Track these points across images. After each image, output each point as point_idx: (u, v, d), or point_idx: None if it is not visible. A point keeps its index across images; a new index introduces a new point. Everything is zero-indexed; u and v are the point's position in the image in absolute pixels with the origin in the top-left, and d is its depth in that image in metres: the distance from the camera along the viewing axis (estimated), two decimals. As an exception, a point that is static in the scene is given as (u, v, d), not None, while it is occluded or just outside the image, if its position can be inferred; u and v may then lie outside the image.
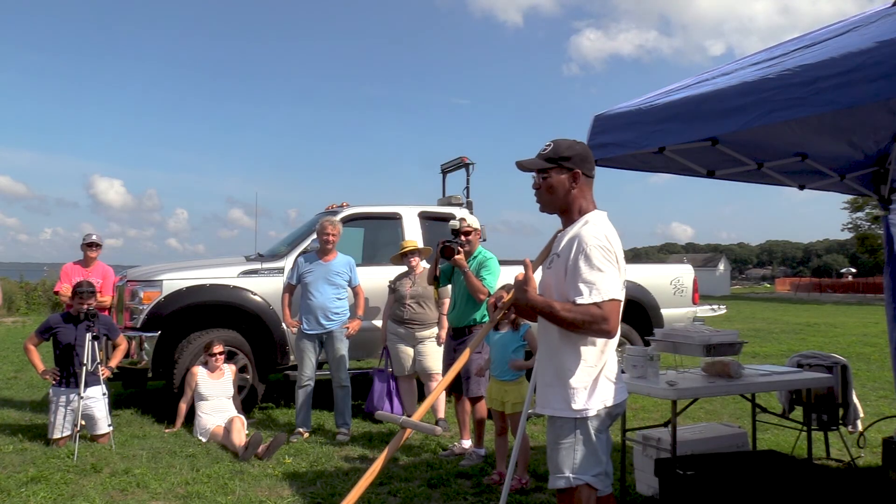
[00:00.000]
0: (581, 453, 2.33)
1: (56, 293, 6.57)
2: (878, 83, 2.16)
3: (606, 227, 2.37)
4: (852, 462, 4.57)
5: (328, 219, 5.80)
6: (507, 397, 4.35)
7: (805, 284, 57.09)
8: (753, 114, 2.58)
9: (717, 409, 6.61)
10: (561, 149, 2.41)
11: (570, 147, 2.41)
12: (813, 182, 4.36)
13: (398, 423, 2.49)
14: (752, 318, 20.55)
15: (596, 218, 2.39)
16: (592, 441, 2.34)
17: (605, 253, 2.27)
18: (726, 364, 3.85)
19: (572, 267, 2.29)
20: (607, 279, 2.25)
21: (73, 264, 6.51)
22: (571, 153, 2.40)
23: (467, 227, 5.26)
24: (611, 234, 2.35)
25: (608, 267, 2.26)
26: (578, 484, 2.32)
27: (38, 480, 4.36)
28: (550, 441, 2.39)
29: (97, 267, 6.49)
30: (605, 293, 2.23)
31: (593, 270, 2.24)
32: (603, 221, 2.39)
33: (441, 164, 8.49)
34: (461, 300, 5.10)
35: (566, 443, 2.34)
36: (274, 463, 4.83)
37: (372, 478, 2.32)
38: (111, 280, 6.51)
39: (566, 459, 2.33)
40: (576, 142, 2.46)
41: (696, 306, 7.85)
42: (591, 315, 2.22)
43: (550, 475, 2.40)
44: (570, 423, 2.34)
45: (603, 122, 3.40)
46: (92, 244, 6.47)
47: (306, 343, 5.67)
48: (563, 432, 2.35)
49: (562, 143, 2.43)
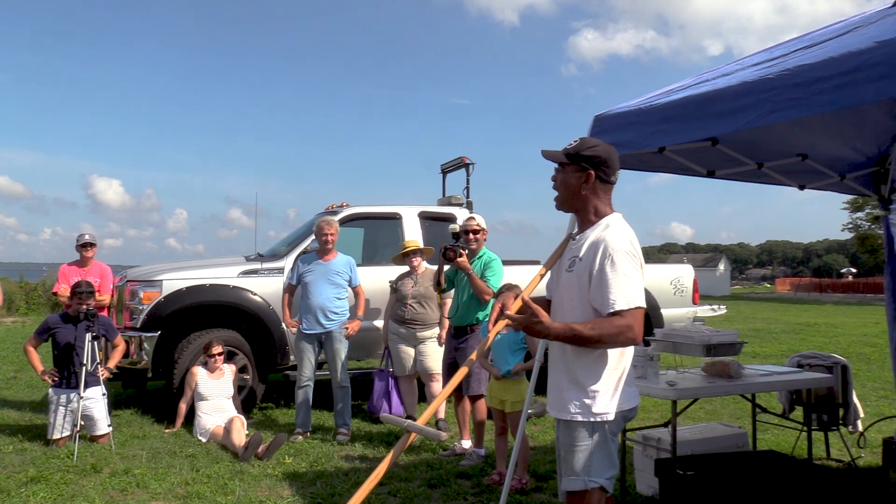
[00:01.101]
0: (597, 457, 2.32)
1: (55, 294, 6.54)
2: (878, 83, 2.16)
3: (628, 230, 2.35)
4: (852, 462, 4.56)
5: (325, 219, 5.79)
6: (506, 396, 4.35)
7: (805, 284, 57.07)
8: (753, 114, 2.58)
9: (717, 409, 6.61)
10: (583, 147, 2.39)
11: (592, 147, 2.39)
12: (813, 182, 4.36)
13: (402, 427, 2.48)
14: (752, 318, 20.55)
15: (616, 221, 2.37)
16: (608, 444, 2.34)
17: (630, 259, 2.26)
18: (726, 364, 3.85)
19: (598, 273, 2.27)
20: (633, 286, 2.24)
21: (69, 265, 6.49)
22: (590, 154, 2.37)
23: (475, 225, 5.25)
24: (633, 238, 2.34)
25: (633, 273, 2.25)
26: (592, 487, 2.32)
27: (37, 480, 4.36)
28: (565, 444, 2.38)
29: (94, 266, 6.47)
30: (631, 301, 2.22)
31: (619, 277, 2.23)
32: (623, 225, 2.37)
33: (441, 164, 8.49)
34: (464, 301, 5.10)
35: (582, 446, 2.33)
36: (274, 463, 4.83)
37: (376, 481, 2.31)
38: (109, 279, 6.50)
39: (582, 462, 2.33)
40: (601, 144, 2.43)
41: (697, 306, 7.85)
42: (616, 327, 2.21)
43: (563, 477, 2.39)
44: (587, 427, 2.33)
45: (603, 122, 3.40)
46: (86, 244, 6.43)
47: (306, 343, 5.66)
48: (579, 435, 2.34)
49: (586, 143, 2.41)
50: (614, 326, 2.21)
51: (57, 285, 6.43)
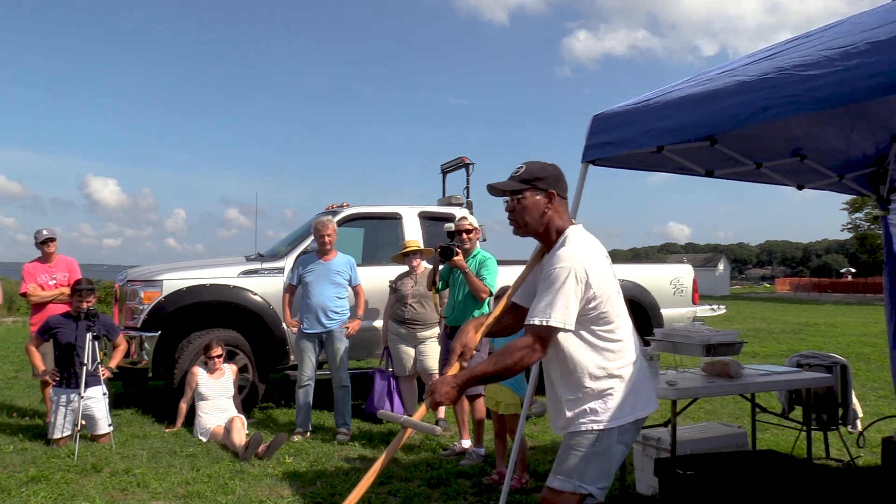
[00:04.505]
0: (594, 465, 2.31)
1: (23, 295, 6.26)
2: (875, 82, 2.16)
3: (582, 243, 2.32)
4: (852, 462, 4.57)
5: (322, 220, 5.80)
6: (501, 397, 4.36)
7: (805, 284, 57.07)
8: (748, 112, 2.58)
9: (717, 409, 6.62)
10: (534, 170, 2.38)
11: (543, 168, 2.40)
12: (812, 182, 4.36)
13: (399, 423, 2.49)
14: (752, 318, 20.54)
15: (573, 234, 2.35)
16: (609, 454, 2.32)
17: (567, 273, 2.21)
18: (726, 364, 3.86)
19: (539, 289, 2.28)
20: (557, 302, 2.20)
21: (33, 262, 6.22)
22: (544, 174, 2.38)
23: (468, 225, 5.26)
24: (585, 250, 2.29)
25: (563, 289, 2.20)
26: (581, 492, 2.31)
27: (38, 480, 4.36)
28: (565, 446, 2.37)
29: (59, 260, 6.25)
30: (546, 317, 2.20)
31: (546, 293, 2.22)
32: (579, 238, 2.34)
33: (441, 164, 8.50)
34: (460, 300, 5.11)
35: (581, 452, 2.32)
36: (274, 463, 4.83)
37: (373, 478, 2.32)
38: (77, 270, 6.30)
39: (577, 467, 2.31)
40: (548, 164, 2.44)
41: (696, 306, 7.85)
42: (518, 351, 2.21)
43: (553, 473, 2.37)
44: (590, 435, 2.31)
45: (601, 121, 3.40)
46: (46, 240, 6.16)
47: (306, 343, 5.67)
48: (581, 441, 2.32)
49: (534, 165, 2.41)
50: (515, 352, 2.22)
51: (24, 285, 6.12)
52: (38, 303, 6.04)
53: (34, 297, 6.04)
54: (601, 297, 2.28)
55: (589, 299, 2.26)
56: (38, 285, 6.08)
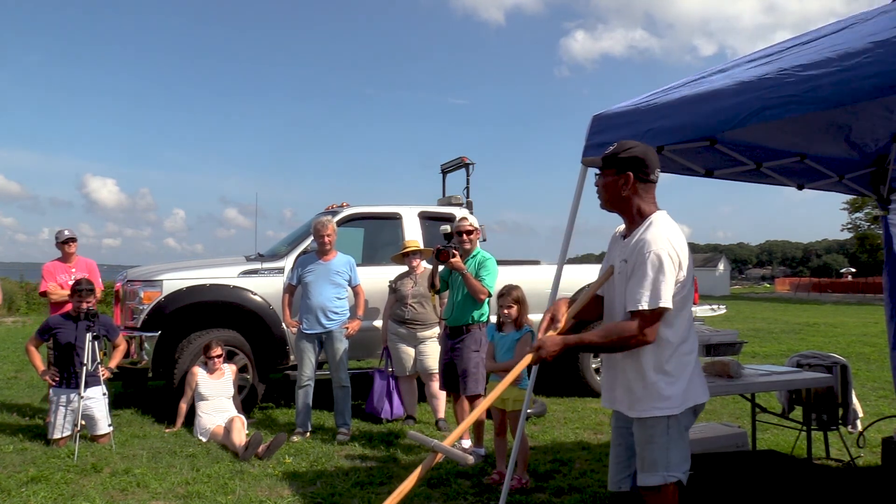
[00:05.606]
0: (675, 451, 2.35)
1: (42, 294, 6.41)
2: (875, 82, 2.16)
3: (669, 229, 2.37)
4: (852, 462, 4.56)
5: (321, 220, 5.79)
6: (508, 394, 4.34)
7: (805, 284, 57.04)
8: (748, 111, 2.59)
9: (717, 409, 6.61)
10: (619, 150, 2.43)
11: (628, 150, 2.43)
12: (812, 182, 4.36)
13: (429, 447, 2.48)
14: (752, 318, 20.54)
15: (658, 219, 2.39)
16: (683, 438, 2.37)
17: (663, 259, 2.27)
18: (726, 364, 3.86)
19: (632, 272, 2.32)
20: (659, 287, 2.25)
21: (53, 262, 6.39)
22: (627, 156, 2.41)
23: (468, 226, 5.26)
24: (673, 235, 2.35)
25: (663, 274, 2.26)
26: (670, 481, 2.35)
27: (38, 480, 4.36)
28: (641, 441, 2.40)
29: (79, 261, 6.41)
30: (654, 301, 2.24)
31: (647, 277, 2.26)
32: (665, 223, 2.38)
33: (441, 164, 8.50)
34: (459, 301, 5.10)
35: (659, 442, 2.35)
36: (274, 463, 4.83)
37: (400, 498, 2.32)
38: (97, 272, 6.48)
39: (660, 458, 2.35)
40: (638, 145, 2.46)
41: (696, 306, 7.84)
42: (625, 331, 2.26)
43: (640, 472, 2.41)
44: (662, 422, 2.35)
45: (601, 121, 3.40)
46: (67, 240, 6.33)
47: (306, 343, 5.66)
48: (655, 431, 2.36)
49: (623, 145, 2.45)
50: (623, 330, 2.26)
51: (44, 283, 6.29)
52: (58, 301, 6.12)
53: (54, 296, 6.14)
54: (686, 282, 2.34)
55: (678, 282, 2.32)
56: (59, 285, 6.17)
